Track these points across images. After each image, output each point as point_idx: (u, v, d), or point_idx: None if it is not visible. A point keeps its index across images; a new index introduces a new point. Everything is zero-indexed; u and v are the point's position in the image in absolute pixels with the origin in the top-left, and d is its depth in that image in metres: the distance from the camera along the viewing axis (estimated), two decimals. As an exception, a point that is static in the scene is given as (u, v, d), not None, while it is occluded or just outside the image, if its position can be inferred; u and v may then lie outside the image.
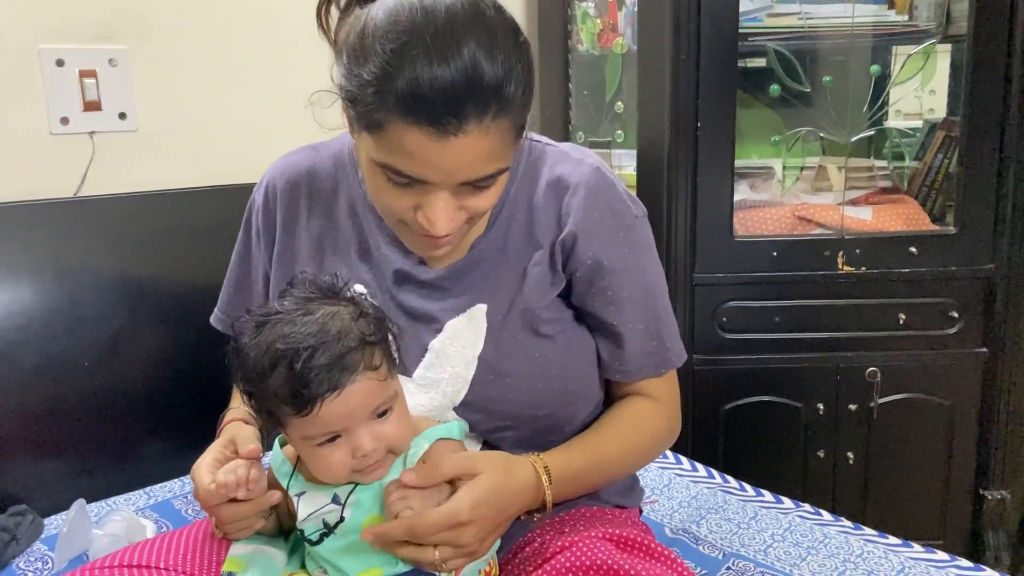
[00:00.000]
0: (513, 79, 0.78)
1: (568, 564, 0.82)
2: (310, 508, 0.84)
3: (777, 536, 1.24)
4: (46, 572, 1.18)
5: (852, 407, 1.79)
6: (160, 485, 1.44)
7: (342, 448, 0.80)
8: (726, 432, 1.82)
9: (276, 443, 0.90)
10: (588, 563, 0.81)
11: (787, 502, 1.36)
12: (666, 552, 0.85)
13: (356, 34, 0.79)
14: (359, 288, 0.95)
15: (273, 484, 0.90)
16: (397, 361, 0.86)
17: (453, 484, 0.84)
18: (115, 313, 1.43)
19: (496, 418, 0.94)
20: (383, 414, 0.82)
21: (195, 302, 1.48)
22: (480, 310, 0.94)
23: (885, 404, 1.78)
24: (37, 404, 1.37)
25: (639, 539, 0.86)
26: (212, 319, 1.14)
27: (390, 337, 0.85)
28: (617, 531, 0.88)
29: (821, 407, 1.80)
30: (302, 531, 0.86)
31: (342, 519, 0.83)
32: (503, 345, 0.93)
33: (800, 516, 1.30)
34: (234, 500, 0.86)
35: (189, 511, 1.36)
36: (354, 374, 0.78)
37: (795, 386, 1.79)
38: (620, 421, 0.99)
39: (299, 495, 0.85)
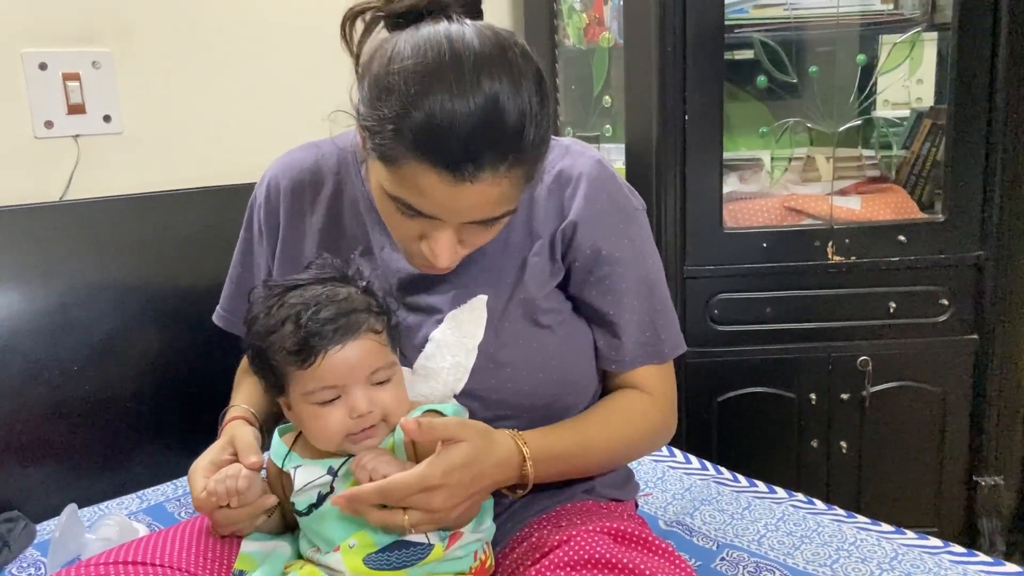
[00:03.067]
0: (533, 125, 0.78)
1: (566, 558, 0.82)
2: (305, 479, 0.85)
3: (770, 526, 1.24)
4: (38, 577, 1.18)
5: (844, 396, 1.80)
6: (152, 489, 1.43)
7: (340, 409, 0.83)
8: (719, 424, 1.82)
9: (276, 433, 0.92)
10: (586, 557, 0.81)
11: (780, 492, 1.36)
12: (663, 545, 0.86)
13: (381, 64, 0.79)
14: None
15: (273, 486, 0.91)
16: (397, 351, 0.89)
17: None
18: (104, 317, 1.42)
19: (495, 407, 0.94)
20: (382, 383, 0.84)
21: (183, 304, 1.48)
22: (481, 300, 0.94)
23: (877, 393, 1.79)
24: (27, 409, 1.36)
25: (636, 532, 0.86)
26: (215, 317, 1.14)
27: (393, 321, 0.88)
28: (614, 524, 0.88)
29: (814, 397, 1.80)
30: (294, 504, 0.87)
31: (331, 490, 0.84)
32: (503, 335, 0.93)
33: (793, 506, 1.30)
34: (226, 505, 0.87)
35: (182, 514, 1.35)
36: (357, 332, 0.83)
37: (787, 376, 1.80)
38: (609, 410, 0.99)
39: (296, 467, 0.87)
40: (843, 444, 1.82)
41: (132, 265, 1.46)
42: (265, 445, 0.97)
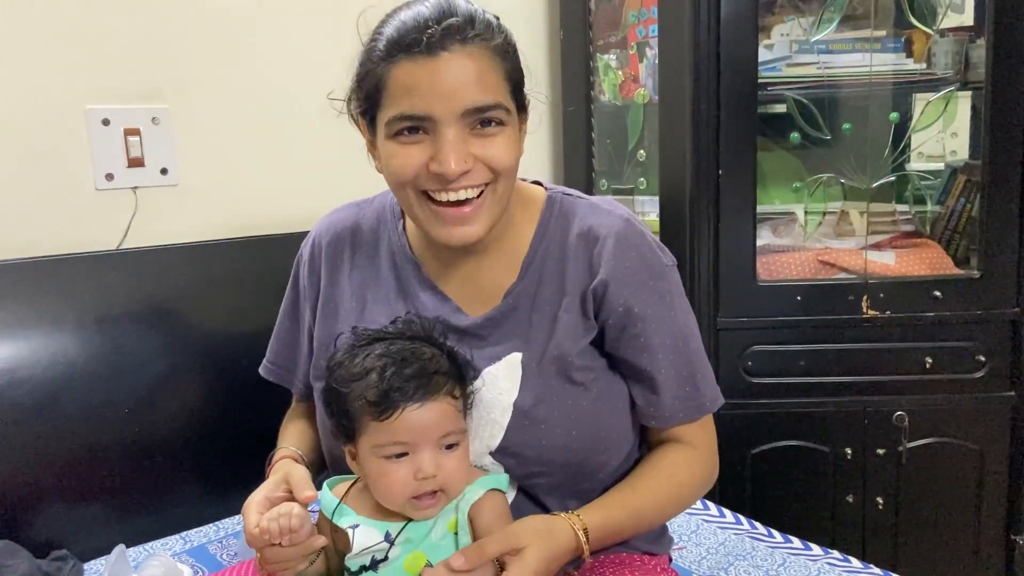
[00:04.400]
0: (487, 23, 0.89)
1: None
2: (363, 543, 0.87)
3: (806, 583, 1.25)
4: (86, 617, 1.22)
5: (880, 451, 1.79)
6: (196, 530, 1.47)
7: (406, 467, 0.85)
8: (753, 477, 1.82)
9: (325, 486, 0.95)
10: None
11: (816, 549, 1.36)
12: None
13: (369, 33, 0.92)
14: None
15: (322, 528, 0.93)
16: (470, 407, 0.92)
17: (500, 560, 0.86)
18: (154, 362, 1.47)
19: (530, 464, 0.96)
20: (450, 447, 0.87)
21: (231, 350, 1.53)
22: (516, 358, 0.97)
23: (914, 448, 1.78)
24: (77, 450, 1.40)
25: None
26: (261, 369, 1.18)
27: (469, 385, 0.91)
28: None
29: (849, 451, 1.80)
30: (347, 566, 0.89)
31: (386, 557, 0.86)
32: (537, 392, 0.96)
33: (829, 563, 1.30)
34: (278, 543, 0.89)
35: (223, 556, 1.39)
36: (437, 394, 0.85)
37: (822, 430, 1.80)
38: (656, 472, 1.00)
39: (354, 527, 0.89)
40: (879, 500, 1.81)
41: (183, 312, 1.51)
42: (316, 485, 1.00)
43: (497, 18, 0.93)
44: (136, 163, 1.53)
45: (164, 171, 1.56)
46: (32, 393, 1.36)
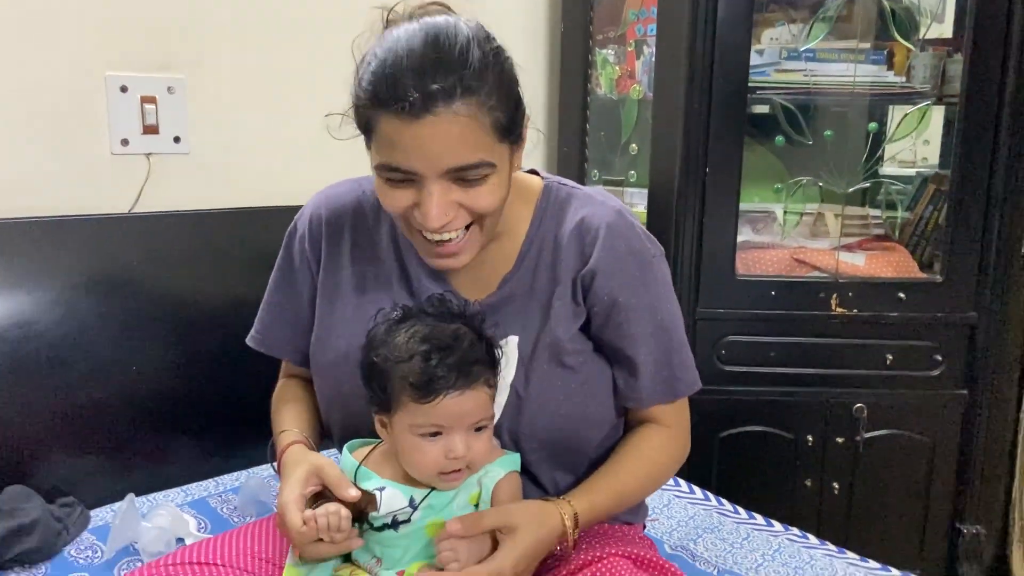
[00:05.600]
0: (477, 74, 0.87)
1: None
2: (391, 505, 0.94)
3: (767, 556, 1.35)
4: (96, 559, 1.28)
5: (839, 440, 1.90)
6: (196, 484, 1.54)
7: (438, 446, 0.90)
8: (721, 458, 1.93)
9: (345, 449, 1.01)
10: None
11: (777, 525, 1.47)
12: (673, 569, 0.96)
13: (361, 52, 0.92)
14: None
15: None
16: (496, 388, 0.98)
17: (492, 533, 0.94)
18: (162, 323, 1.53)
19: (521, 440, 1.04)
20: (479, 430, 0.93)
21: (234, 316, 1.56)
22: (512, 342, 1.04)
23: (870, 439, 1.89)
24: (86, 404, 1.46)
25: (652, 558, 0.97)
26: (249, 340, 1.20)
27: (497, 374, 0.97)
28: (633, 550, 0.99)
29: (810, 438, 1.90)
30: (370, 520, 0.95)
31: (408, 520, 0.94)
32: (532, 375, 1.02)
33: (789, 539, 1.41)
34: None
35: (223, 510, 1.46)
36: (476, 383, 0.90)
37: (787, 418, 1.90)
38: (636, 454, 1.08)
39: (380, 489, 0.95)
40: (835, 484, 1.92)
41: (191, 276, 1.57)
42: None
43: (491, 44, 0.91)
44: (151, 130, 1.58)
45: (177, 139, 1.61)
46: (44, 347, 1.42)
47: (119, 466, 1.51)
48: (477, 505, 0.96)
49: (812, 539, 1.42)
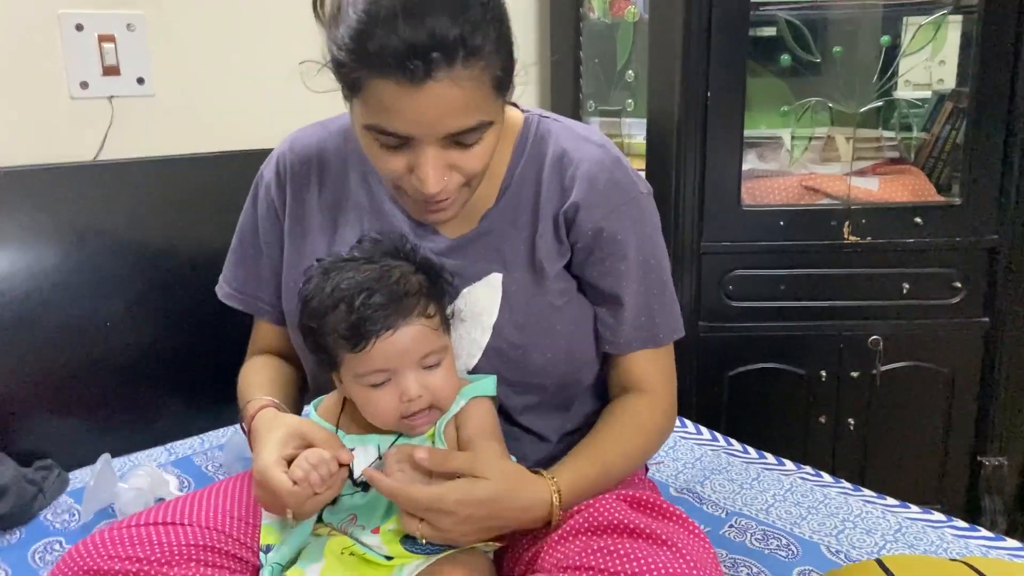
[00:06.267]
0: (479, 31, 0.79)
1: (584, 524, 0.86)
2: (364, 463, 0.88)
3: (779, 496, 1.28)
4: (73, 523, 1.23)
5: (854, 374, 1.82)
6: (180, 442, 1.48)
7: (390, 392, 0.85)
8: (730, 397, 1.86)
9: (311, 408, 0.95)
10: (604, 522, 0.84)
11: (789, 464, 1.40)
12: (675, 511, 0.89)
13: (332, 2, 0.82)
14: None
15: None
16: (451, 318, 0.91)
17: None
18: (134, 276, 1.46)
19: (506, 384, 0.97)
20: (432, 367, 0.87)
21: (211, 265, 1.48)
22: (496, 279, 0.97)
23: (887, 372, 1.81)
24: (59, 364, 1.40)
25: (650, 499, 0.89)
26: (218, 291, 1.13)
27: (445, 297, 0.90)
28: (629, 491, 0.91)
29: (824, 374, 1.83)
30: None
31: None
32: (516, 315, 0.96)
33: (801, 478, 1.34)
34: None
35: (208, 467, 1.40)
36: (408, 317, 0.84)
37: (799, 353, 1.82)
38: (620, 424, 0.99)
39: (353, 449, 0.89)
40: (851, 421, 1.85)
41: (164, 226, 1.49)
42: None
43: (489, 8, 0.81)
44: (111, 71, 1.48)
45: (140, 80, 1.52)
46: (10, 306, 1.35)
47: (99, 427, 1.45)
48: (433, 443, 0.90)
49: (826, 477, 1.35)
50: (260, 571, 0.90)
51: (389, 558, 0.87)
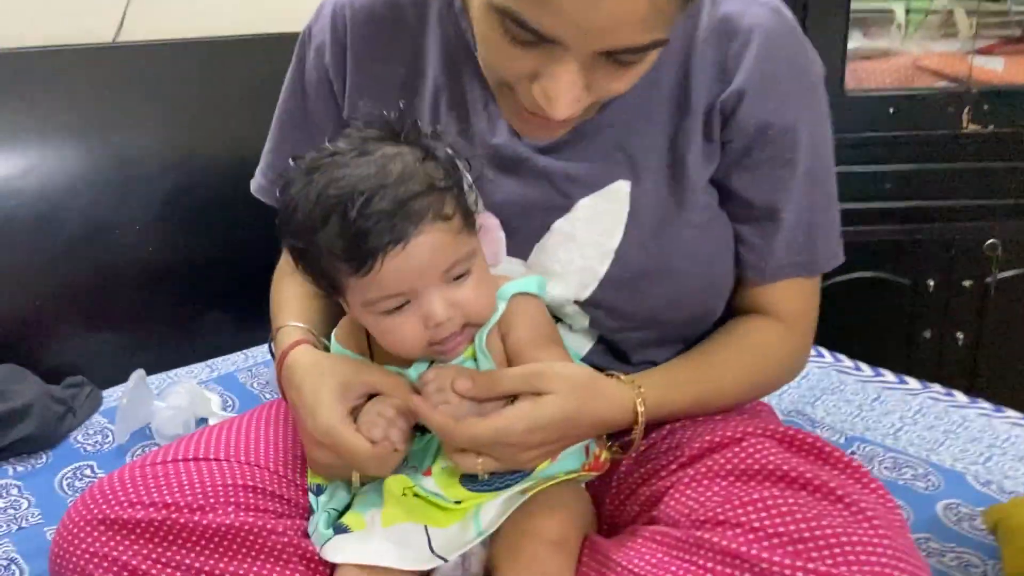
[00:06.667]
0: None
1: (726, 465, 0.68)
2: None
3: (907, 419, 1.12)
4: (107, 445, 1.11)
5: (966, 283, 1.65)
6: (223, 358, 1.35)
7: (412, 317, 0.68)
8: (826, 308, 1.65)
9: (332, 337, 0.78)
10: (757, 466, 0.66)
11: (913, 382, 1.22)
12: (844, 456, 0.69)
13: None
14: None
15: None
16: (477, 211, 0.71)
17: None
18: (166, 172, 1.32)
19: (625, 319, 0.78)
20: (459, 278, 0.69)
21: (252, 159, 1.35)
22: (622, 189, 0.76)
23: (1004, 280, 1.64)
24: (88, 272, 1.28)
25: (809, 438, 0.71)
26: (253, 187, 0.95)
27: (466, 186, 0.70)
28: (768, 425, 0.73)
29: (931, 283, 1.65)
30: None
31: None
32: (646, 236, 0.76)
33: (931, 398, 1.17)
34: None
35: (254, 384, 1.27)
36: (420, 223, 0.65)
37: (904, 260, 1.65)
38: (739, 351, 0.80)
39: None
40: (960, 335, 1.68)
41: (195, 115, 1.34)
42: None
43: None
44: (128, -63, 1.30)
45: (162, -51, 1.34)
46: (27, 205, 1.22)
47: (134, 341, 1.34)
48: (476, 361, 0.73)
49: (959, 396, 1.17)
50: (310, 516, 0.75)
51: (457, 502, 0.71)
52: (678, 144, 0.75)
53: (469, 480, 0.70)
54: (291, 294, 0.87)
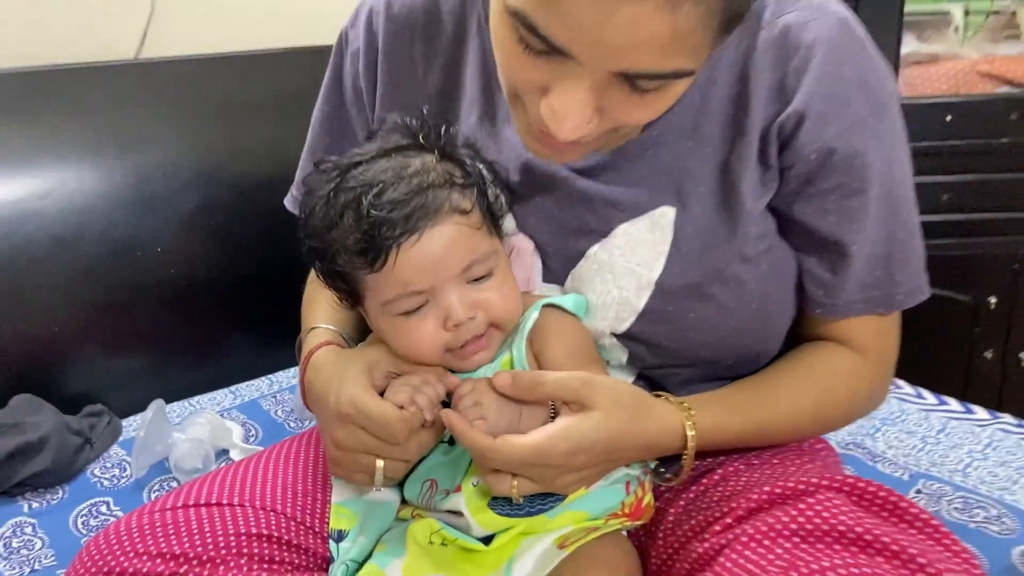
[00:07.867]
0: None
1: (789, 524, 0.60)
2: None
3: (976, 453, 1.03)
4: (123, 480, 1.06)
5: (1031, 301, 1.55)
6: (246, 384, 1.31)
7: (430, 318, 0.65)
8: (880, 329, 1.59)
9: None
10: (827, 527, 0.59)
11: (980, 411, 1.13)
12: (924, 514, 0.61)
13: None
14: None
15: None
16: (502, 213, 0.69)
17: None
18: (188, 191, 1.27)
19: (667, 355, 0.72)
20: (480, 279, 0.66)
21: (277, 177, 1.30)
22: (667, 216, 0.69)
23: (1072, 297, 1.54)
24: (107, 295, 1.23)
25: (881, 492, 0.63)
26: (289, 203, 0.92)
27: (490, 192, 0.68)
28: (835, 474, 0.66)
29: (993, 301, 1.58)
30: None
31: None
32: (691, 267, 0.69)
33: (1001, 429, 1.08)
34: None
35: (279, 412, 1.22)
36: (436, 215, 0.64)
37: (963, 276, 1.58)
38: (806, 379, 0.74)
39: None
40: (1023, 356, 1.58)
41: (218, 133, 1.30)
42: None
43: None
44: (150, -48, 1.27)
45: (184, -37, 1.30)
46: (45, 227, 1.18)
47: (155, 367, 1.28)
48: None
49: (1034, 429, 1.08)
50: (330, 566, 0.69)
51: (486, 541, 0.65)
52: (731, 168, 0.68)
53: (499, 504, 0.65)
54: (324, 297, 0.82)
